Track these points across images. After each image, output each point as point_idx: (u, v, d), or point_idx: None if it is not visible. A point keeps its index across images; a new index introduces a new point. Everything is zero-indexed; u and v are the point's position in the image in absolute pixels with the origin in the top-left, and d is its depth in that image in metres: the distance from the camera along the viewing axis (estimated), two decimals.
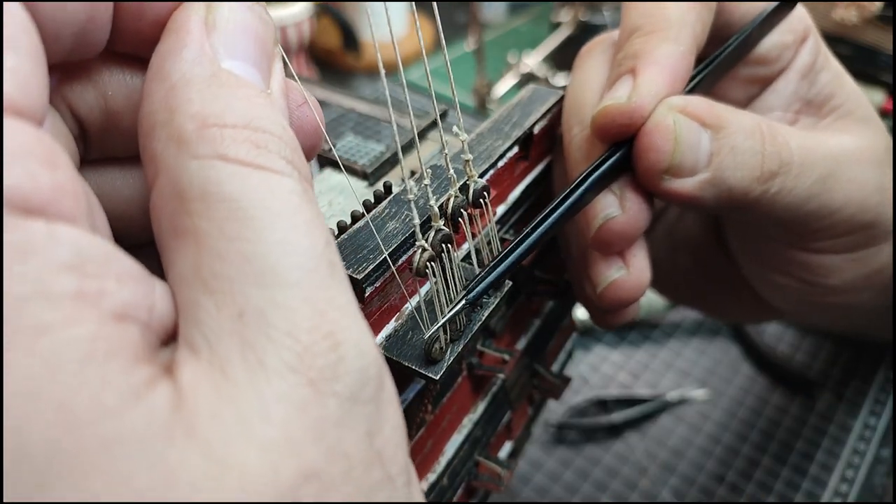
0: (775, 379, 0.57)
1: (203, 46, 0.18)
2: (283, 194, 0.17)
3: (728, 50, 0.32)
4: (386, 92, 0.22)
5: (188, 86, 0.17)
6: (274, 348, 0.15)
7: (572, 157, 0.31)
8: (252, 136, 0.17)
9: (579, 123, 0.31)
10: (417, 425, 0.29)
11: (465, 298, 0.24)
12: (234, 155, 0.16)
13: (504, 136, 0.31)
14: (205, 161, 0.16)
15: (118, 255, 0.15)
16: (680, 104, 0.28)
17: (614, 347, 0.60)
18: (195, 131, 0.16)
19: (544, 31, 0.90)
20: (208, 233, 0.16)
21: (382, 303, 0.25)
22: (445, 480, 0.31)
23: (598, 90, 0.32)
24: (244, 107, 0.17)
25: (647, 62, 0.29)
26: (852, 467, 0.51)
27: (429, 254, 0.24)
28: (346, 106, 0.43)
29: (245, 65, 0.18)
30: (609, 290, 0.31)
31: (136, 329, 0.15)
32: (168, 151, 0.17)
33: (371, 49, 0.89)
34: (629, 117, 0.28)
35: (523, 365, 0.36)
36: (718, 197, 0.29)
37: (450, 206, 0.26)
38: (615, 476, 0.50)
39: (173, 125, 0.17)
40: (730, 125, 0.29)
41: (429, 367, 0.24)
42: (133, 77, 0.20)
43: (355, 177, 0.36)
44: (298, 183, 0.17)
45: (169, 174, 0.17)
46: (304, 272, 0.16)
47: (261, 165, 0.17)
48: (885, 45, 0.61)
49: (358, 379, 0.16)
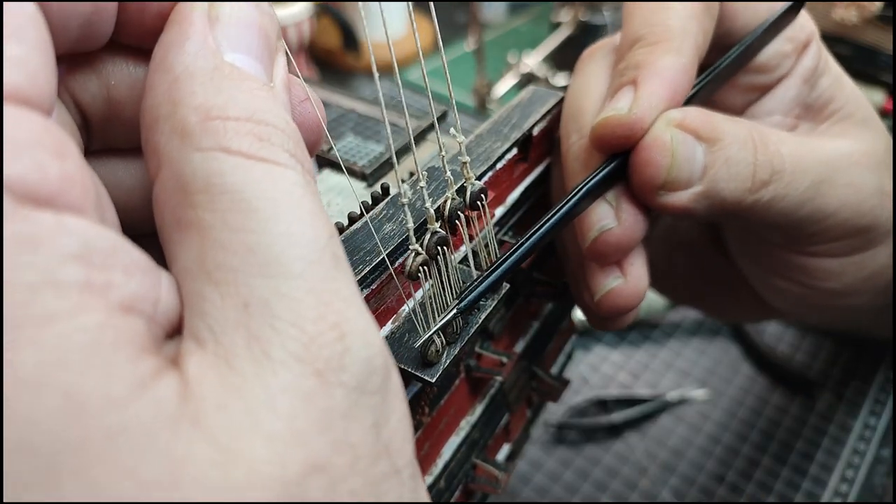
0: (775, 379, 0.57)
1: (206, 39, 0.18)
2: (287, 186, 0.17)
3: (730, 59, 0.32)
4: (380, 94, 0.22)
5: (191, 78, 0.17)
6: (279, 339, 0.15)
7: (569, 165, 0.31)
8: (255, 129, 0.17)
9: (577, 131, 0.31)
10: (414, 428, 0.29)
11: (457, 307, 0.24)
12: (237, 147, 0.16)
13: (503, 137, 0.31)
14: (208, 153, 0.16)
15: (126, 246, 0.15)
16: (678, 118, 0.28)
17: (614, 347, 0.60)
18: (198, 123, 0.16)
19: (544, 31, 0.90)
20: (212, 224, 0.16)
21: (379, 305, 0.25)
22: (443, 483, 0.31)
23: (597, 98, 0.31)
24: (247, 99, 0.17)
25: (648, 74, 0.29)
26: (852, 467, 0.51)
27: (422, 258, 0.24)
28: (345, 106, 0.43)
29: (248, 58, 0.18)
30: (607, 298, 0.30)
31: (142, 321, 0.15)
32: (171, 144, 0.17)
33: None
34: (629, 129, 0.28)
35: (522, 367, 0.36)
36: (711, 207, 0.29)
37: (447, 209, 0.26)
38: (615, 476, 0.50)
39: (176, 117, 0.17)
40: (724, 137, 0.29)
41: (425, 369, 0.24)
42: (136, 68, 0.20)
43: (354, 178, 0.36)
44: (302, 175, 0.17)
45: (172, 166, 0.17)
46: (308, 263, 0.16)
47: (264, 158, 0.17)
48: (885, 45, 0.61)
49: (364, 369, 0.16)
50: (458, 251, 0.28)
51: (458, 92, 0.87)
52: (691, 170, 0.28)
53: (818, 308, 0.37)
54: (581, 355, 0.59)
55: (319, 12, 0.86)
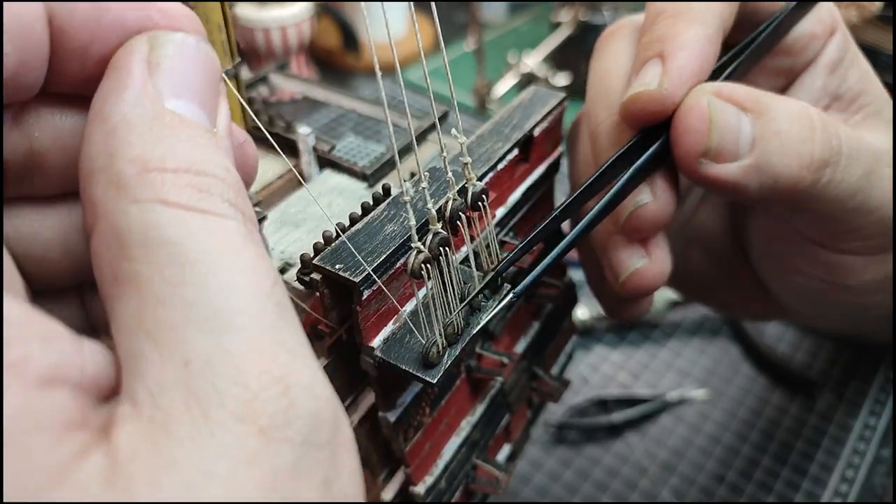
0: (775, 379, 0.57)
1: (145, 86, 0.17)
2: (227, 237, 0.16)
3: (762, 36, 0.31)
4: (382, 94, 0.22)
5: (129, 128, 0.17)
6: (220, 398, 0.15)
7: (600, 143, 0.31)
8: (194, 180, 0.16)
9: (606, 109, 0.31)
10: (415, 428, 0.29)
11: (513, 292, 0.26)
12: (175, 199, 0.16)
13: (504, 138, 0.31)
14: (145, 205, 0.16)
15: (39, 316, 0.15)
16: (713, 88, 0.28)
17: (614, 347, 0.60)
18: (135, 175, 0.16)
19: (544, 31, 0.90)
20: (150, 279, 0.15)
21: (380, 305, 0.25)
22: (443, 483, 0.31)
23: (623, 75, 0.31)
24: (187, 149, 0.17)
25: (675, 46, 0.29)
26: (852, 467, 0.51)
27: (424, 255, 0.24)
28: (346, 106, 0.43)
29: (190, 104, 0.18)
30: (632, 278, 0.31)
31: (67, 392, 0.14)
32: (107, 196, 0.16)
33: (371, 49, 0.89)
34: (661, 104, 0.28)
35: (522, 368, 0.36)
36: (763, 185, 0.28)
37: (448, 210, 0.26)
38: (615, 476, 0.50)
39: (113, 169, 0.16)
40: (771, 109, 0.28)
41: (426, 370, 0.24)
42: (63, 118, 0.19)
43: (355, 178, 0.36)
44: (242, 225, 0.17)
45: (108, 219, 0.16)
46: (250, 316, 0.16)
47: (203, 209, 0.16)
48: (885, 45, 0.61)
49: (311, 423, 0.15)
50: (460, 251, 0.28)
51: (457, 92, 0.87)
52: (736, 140, 0.28)
53: (829, 306, 0.37)
54: (581, 355, 0.59)
55: (319, 12, 0.86)
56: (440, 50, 0.25)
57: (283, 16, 0.74)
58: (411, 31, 0.95)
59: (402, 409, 0.28)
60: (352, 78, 0.93)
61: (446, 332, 0.25)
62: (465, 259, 0.27)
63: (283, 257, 0.31)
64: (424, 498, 0.30)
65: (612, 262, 0.31)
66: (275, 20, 0.74)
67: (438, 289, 0.25)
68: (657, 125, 0.29)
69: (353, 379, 0.28)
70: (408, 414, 0.28)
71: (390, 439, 0.29)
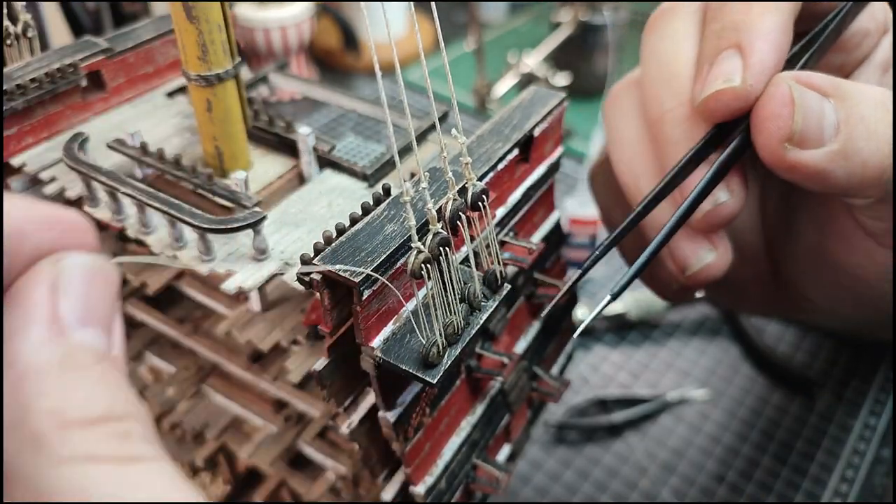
0: (775, 379, 0.57)
1: (52, 320, 0.16)
2: (165, 482, 0.15)
3: (830, 27, 0.30)
4: (382, 94, 0.22)
5: (40, 375, 0.15)
6: None
7: (667, 133, 0.31)
8: (117, 428, 0.15)
9: (674, 97, 0.30)
10: (415, 428, 0.29)
11: (612, 294, 0.26)
12: (105, 453, 0.15)
13: (504, 138, 0.31)
14: (74, 466, 0.14)
15: None
16: (792, 75, 0.27)
17: (614, 347, 0.60)
18: (55, 431, 0.15)
19: (544, 31, 0.90)
20: None
21: (380, 305, 0.25)
22: (443, 483, 0.31)
23: (689, 61, 0.31)
24: (102, 393, 0.16)
25: (753, 36, 0.28)
26: (852, 467, 0.51)
27: (424, 255, 0.24)
28: (346, 106, 0.43)
29: (95, 330, 0.17)
30: (701, 272, 0.31)
31: None
32: (23, 458, 0.14)
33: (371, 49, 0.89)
34: (745, 101, 0.28)
35: (522, 368, 0.36)
36: (851, 173, 0.27)
37: (448, 210, 0.26)
38: (615, 476, 0.50)
39: (27, 425, 0.15)
40: (853, 95, 0.27)
41: (426, 370, 0.24)
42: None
43: (355, 178, 0.36)
44: (168, 462, 0.16)
45: (29, 485, 0.14)
46: None
47: (132, 457, 0.15)
48: None
49: None
50: (460, 252, 0.28)
51: (457, 92, 0.87)
52: (821, 125, 0.27)
53: (852, 297, 0.36)
54: (581, 355, 0.59)
55: (319, 12, 0.86)
56: (440, 50, 0.25)
57: (283, 16, 0.74)
58: (411, 31, 0.95)
59: (402, 409, 0.28)
60: (352, 78, 0.93)
61: (446, 332, 0.25)
62: (466, 259, 0.27)
63: (283, 257, 0.31)
64: (424, 498, 0.30)
65: (678, 256, 0.31)
66: (275, 20, 0.74)
67: (438, 289, 0.25)
68: (734, 120, 0.29)
69: (353, 379, 0.28)
70: (408, 414, 0.28)
71: (390, 439, 0.29)
